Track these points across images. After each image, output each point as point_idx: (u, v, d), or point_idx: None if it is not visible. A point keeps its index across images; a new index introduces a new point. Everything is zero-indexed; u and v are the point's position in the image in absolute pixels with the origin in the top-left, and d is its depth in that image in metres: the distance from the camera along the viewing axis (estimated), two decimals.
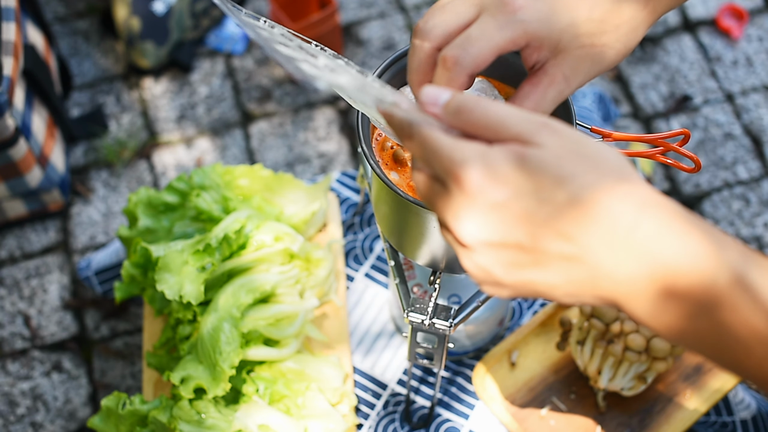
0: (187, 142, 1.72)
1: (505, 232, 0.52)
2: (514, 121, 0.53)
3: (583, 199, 0.51)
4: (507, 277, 0.54)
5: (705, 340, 0.52)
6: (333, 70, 0.61)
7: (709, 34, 1.83)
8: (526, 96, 0.64)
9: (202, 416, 1.02)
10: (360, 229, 1.22)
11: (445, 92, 0.56)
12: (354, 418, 1.08)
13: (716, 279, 0.51)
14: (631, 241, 0.51)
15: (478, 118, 0.54)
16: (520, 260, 0.53)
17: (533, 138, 0.52)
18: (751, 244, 1.59)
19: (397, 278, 0.89)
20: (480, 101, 0.55)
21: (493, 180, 0.51)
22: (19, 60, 1.40)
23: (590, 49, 0.64)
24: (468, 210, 0.52)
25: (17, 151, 1.41)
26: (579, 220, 0.51)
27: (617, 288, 0.52)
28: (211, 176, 1.15)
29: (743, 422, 1.10)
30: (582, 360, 1.06)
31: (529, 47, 0.64)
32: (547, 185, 0.51)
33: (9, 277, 1.57)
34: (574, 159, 0.52)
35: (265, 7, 1.87)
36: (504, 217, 0.51)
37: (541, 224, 0.51)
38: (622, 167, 0.53)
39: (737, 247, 0.52)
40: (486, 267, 0.54)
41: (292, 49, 0.63)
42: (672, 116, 1.74)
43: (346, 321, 1.15)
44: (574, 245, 0.51)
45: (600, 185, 0.51)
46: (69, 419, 1.43)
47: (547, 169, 0.51)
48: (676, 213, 0.52)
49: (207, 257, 1.03)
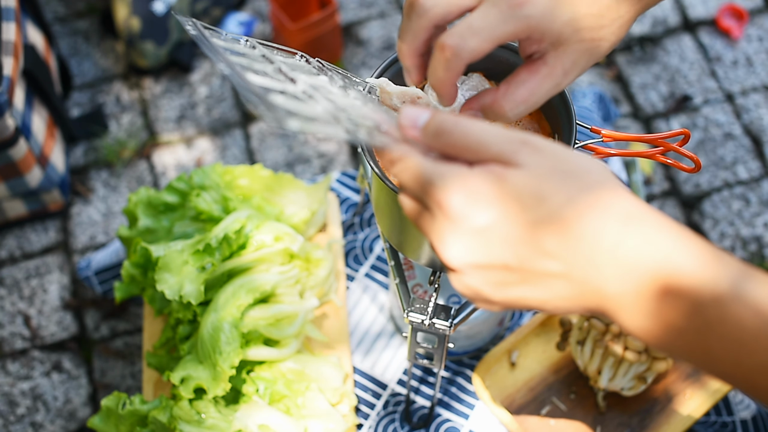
0: (187, 142, 1.72)
1: (490, 254, 0.52)
2: (494, 141, 0.53)
3: (566, 217, 0.51)
4: (496, 296, 0.54)
5: (694, 351, 0.52)
6: (311, 97, 0.59)
7: (709, 34, 1.83)
8: (522, 82, 0.64)
9: (202, 416, 1.02)
10: (360, 229, 1.22)
11: (424, 113, 0.56)
12: (354, 418, 1.08)
13: (708, 289, 0.51)
14: (616, 256, 0.51)
15: (457, 140, 0.54)
16: (508, 279, 0.53)
17: (513, 158, 0.52)
18: (751, 244, 1.59)
19: (397, 278, 0.89)
20: (459, 122, 0.54)
21: (475, 204, 0.52)
22: (19, 60, 1.40)
23: (589, 43, 0.65)
24: (453, 234, 0.53)
25: (17, 151, 1.41)
26: (563, 238, 0.51)
27: (605, 302, 0.52)
28: (211, 176, 1.15)
29: (743, 422, 1.10)
30: (582, 360, 1.06)
31: (530, 39, 0.64)
32: (529, 206, 0.51)
33: (9, 277, 1.57)
34: (555, 177, 0.52)
35: (265, 7, 1.87)
36: (489, 240, 0.52)
37: (527, 244, 0.52)
38: (606, 180, 0.53)
39: (731, 259, 0.52)
40: (475, 287, 0.55)
41: (269, 77, 0.61)
42: (672, 116, 1.74)
43: (346, 321, 1.15)
44: (560, 263, 0.52)
45: (583, 202, 0.51)
46: (69, 419, 1.43)
47: (528, 190, 0.51)
48: (663, 225, 0.52)
49: (207, 257, 1.03)
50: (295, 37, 1.67)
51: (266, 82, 0.58)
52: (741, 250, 1.58)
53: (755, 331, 0.50)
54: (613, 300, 0.52)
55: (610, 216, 0.51)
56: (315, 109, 0.56)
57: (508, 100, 0.64)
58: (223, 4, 1.82)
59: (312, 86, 0.62)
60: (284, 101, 0.54)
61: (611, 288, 0.51)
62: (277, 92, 0.57)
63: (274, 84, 0.59)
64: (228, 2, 1.83)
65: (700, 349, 0.52)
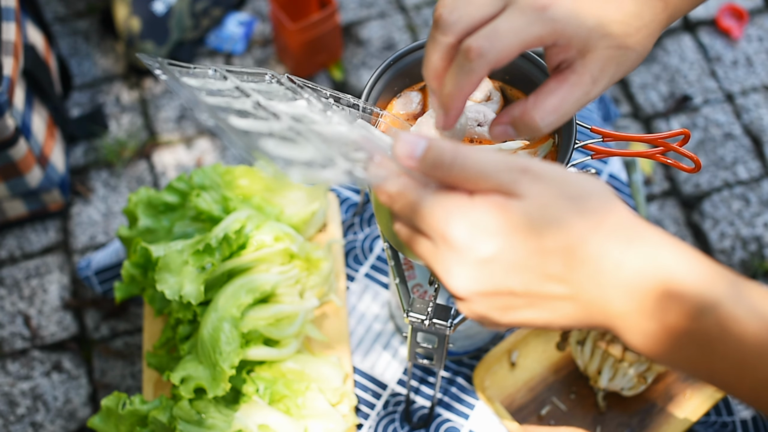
0: (187, 142, 1.72)
1: (496, 282, 0.53)
2: (494, 171, 0.53)
3: (569, 243, 0.52)
4: (503, 319, 0.55)
5: (699, 368, 0.53)
6: (299, 134, 0.57)
7: (709, 34, 1.83)
8: (552, 92, 0.63)
9: (202, 416, 1.02)
10: (360, 229, 1.22)
11: (420, 143, 0.55)
12: (354, 418, 1.08)
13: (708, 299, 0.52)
14: (619, 277, 0.52)
15: (457, 173, 0.54)
16: (514, 304, 0.54)
17: (514, 189, 0.53)
18: (751, 244, 1.59)
19: (397, 278, 0.89)
20: (458, 153, 0.54)
21: (479, 234, 0.52)
22: (19, 60, 1.40)
23: (616, 51, 0.63)
24: (458, 265, 0.53)
25: (17, 151, 1.41)
26: (567, 261, 0.52)
27: (610, 320, 0.53)
28: (211, 176, 1.15)
29: (743, 422, 1.10)
30: (582, 360, 1.06)
31: (557, 46, 0.62)
32: (532, 234, 0.52)
33: (9, 277, 1.57)
34: (557, 204, 0.52)
35: (265, 7, 1.87)
36: (494, 269, 0.53)
37: (531, 271, 0.52)
38: (607, 202, 0.53)
39: (729, 274, 0.53)
40: (482, 313, 0.55)
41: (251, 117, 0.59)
42: (672, 116, 1.74)
43: (346, 321, 1.15)
44: (565, 286, 0.53)
45: (585, 226, 0.52)
46: (69, 419, 1.43)
47: (531, 220, 0.52)
48: (663, 241, 0.53)
49: (207, 257, 1.03)
50: (295, 37, 1.67)
51: (251, 125, 0.57)
52: (741, 250, 1.58)
53: (756, 345, 0.51)
54: (618, 319, 0.53)
55: (612, 238, 0.52)
56: (307, 150, 0.55)
57: (538, 110, 0.63)
58: (223, 4, 1.82)
59: (294, 118, 0.60)
60: (275, 147, 0.53)
61: (616, 308, 0.52)
62: (266, 136, 0.56)
63: (259, 126, 0.57)
64: (228, 2, 1.83)
65: (703, 365, 0.53)
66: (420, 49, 0.83)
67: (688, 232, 1.61)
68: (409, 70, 0.84)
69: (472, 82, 0.60)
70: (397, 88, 0.84)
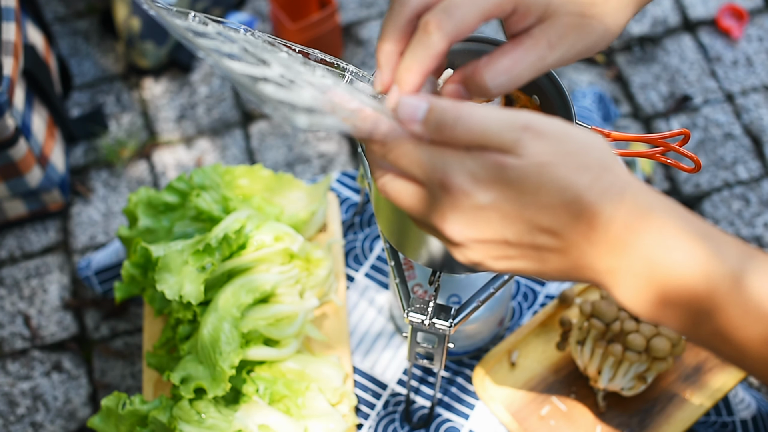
0: (187, 142, 1.72)
1: (491, 231, 0.54)
2: (496, 131, 0.53)
3: (564, 199, 0.53)
4: (497, 266, 0.57)
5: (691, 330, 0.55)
6: (292, 81, 0.57)
7: (709, 34, 1.83)
8: (505, 53, 0.60)
9: (202, 416, 1.02)
10: (360, 229, 1.22)
11: (421, 104, 0.55)
12: (354, 418, 1.08)
13: (711, 281, 0.52)
14: (609, 233, 0.53)
15: (460, 134, 0.54)
16: (509, 253, 0.55)
17: (515, 148, 0.53)
18: (751, 244, 1.59)
19: (397, 278, 0.89)
20: (460, 114, 0.54)
21: (477, 183, 0.53)
22: (19, 60, 1.40)
23: (578, 18, 0.62)
24: (455, 211, 0.54)
25: (17, 151, 1.41)
26: (560, 216, 0.53)
27: (599, 276, 0.55)
28: (211, 176, 1.15)
29: (743, 422, 1.10)
30: (582, 360, 1.06)
31: (516, 14, 0.60)
32: (529, 190, 0.53)
33: (9, 277, 1.57)
34: (556, 162, 0.53)
35: (265, 7, 1.87)
36: (490, 217, 0.54)
37: (525, 221, 0.53)
38: (604, 159, 0.54)
39: (735, 246, 0.54)
40: (476, 260, 0.57)
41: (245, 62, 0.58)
42: (672, 116, 1.74)
43: (346, 321, 1.15)
44: (558, 240, 0.54)
45: (580, 183, 0.53)
46: (69, 419, 1.43)
47: (528, 177, 0.53)
48: (656, 199, 0.54)
49: (207, 257, 1.03)
50: (295, 37, 1.67)
51: (247, 69, 0.56)
52: None
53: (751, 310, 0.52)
54: (606, 274, 0.54)
55: (605, 196, 0.53)
56: (302, 95, 0.54)
57: (489, 70, 0.60)
58: (223, 4, 1.82)
59: (282, 65, 0.60)
60: (275, 91, 0.52)
61: (605, 266, 0.54)
62: (261, 80, 0.55)
63: (254, 70, 0.57)
64: (228, 2, 1.83)
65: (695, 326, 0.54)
66: None
67: None
68: None
69: (430, 56, 0.58)
70: None
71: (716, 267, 0.52)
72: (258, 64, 0.59)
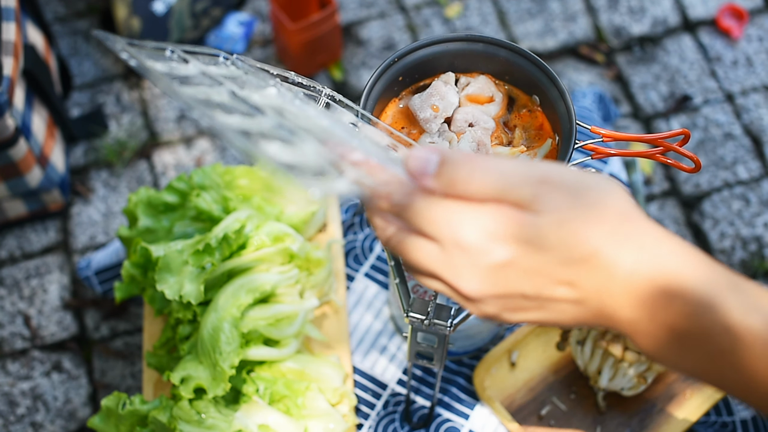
0: (187, 142, 1.72)
1: (509, 286, 0.53)
2: (512, 185, 0.52)
3: (584, 252, 0.52)
4: (513, 318, 0.56)
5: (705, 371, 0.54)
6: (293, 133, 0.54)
7: (709, 34, 1.83)
8: None
9: (202, 416, 1.02)
10: (360, 229, 1.22)
11: (432, 157, 0.53)
12: (354, 418, 1.08)
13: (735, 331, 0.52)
14: (632, 286, 0.52)
15: (475, 190, 0.52)
16: (525, 306, 0.54)
17: (532, 203, 0.52)
18: (751, 244, 1.59)
19: (397, 278, 0.89)
20: (474, 169, 0.52)
21: (492, 240, 0.52)
22: (19, 60, 1.40)
23: None
24: (470, 268, 0.53)
25: (17, 151, 1.41)
26: (580, 269, 0.52)
27: (622, 326, 0.54)
28: (211, 176, 1.15)
29: (743, 422, 1.10)
30: (582, 360, 1.06)
31: None
32: (547, 246, 0.52)
33: (9, 277, 1.57)
34: (574, 216, 0.52)
35: (265, 7, 1.87)
36: (508, 274, 0.53)
37: (544, 276, 0.52)
38: (624, 211, 0.53)
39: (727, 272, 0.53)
40: (491, 313, 0.56)
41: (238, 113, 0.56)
42: (672, 116, 1.74)
43: (346, 321, 1.15)
44: (577, 291, 0.53)
45: (599, 235, 0.52)
46: (69, 419, 1.43)
47: (548, 234, 0.52)
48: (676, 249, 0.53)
49: (207, 257, 1.03)
50: (295, 37, 1.67)
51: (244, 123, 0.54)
52: (741, 250, 1.58)
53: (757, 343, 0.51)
54: (627, 324, 0.54)
55: (624, 245, 0.52)
56: (306, 153, 0.52)
57: None
58: (223, 4, 1.82)
59: (276, 111, 0.58)
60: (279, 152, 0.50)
61: (625, 315, 0.53)
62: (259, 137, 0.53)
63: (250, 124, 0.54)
64: (228, 2, 1.83)
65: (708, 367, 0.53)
66: (420, 49, 0.83)
67: (688, 232, 1.61)
68: (410, 71, 0.84)
69: None
70: (397, 88, 0.84)
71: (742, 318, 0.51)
72: (251, 113, 0.57)
